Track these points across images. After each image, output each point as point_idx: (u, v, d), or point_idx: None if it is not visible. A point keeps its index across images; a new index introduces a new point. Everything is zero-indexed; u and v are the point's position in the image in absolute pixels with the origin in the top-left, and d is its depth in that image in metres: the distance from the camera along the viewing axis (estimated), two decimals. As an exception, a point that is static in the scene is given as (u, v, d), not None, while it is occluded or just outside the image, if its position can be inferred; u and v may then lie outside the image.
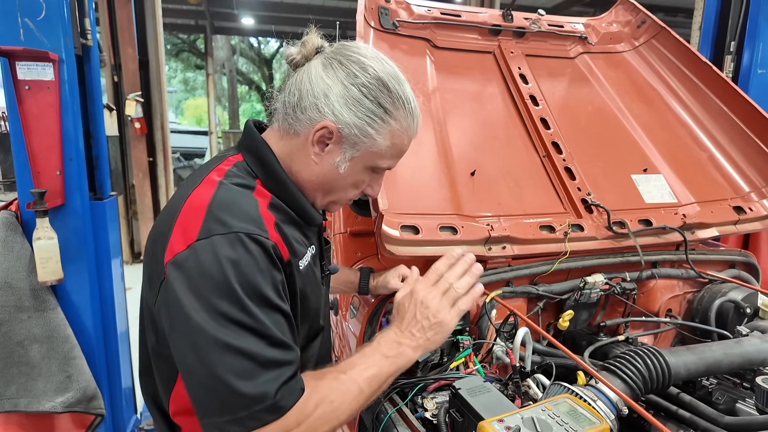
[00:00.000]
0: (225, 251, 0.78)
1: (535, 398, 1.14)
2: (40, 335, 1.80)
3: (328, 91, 0.89)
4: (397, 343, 0.94)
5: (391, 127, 0.92)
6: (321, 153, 0.92)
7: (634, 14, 2.16)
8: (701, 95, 1.97)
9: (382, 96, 0.89)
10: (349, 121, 0.89)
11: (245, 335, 0.77)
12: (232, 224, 0.80)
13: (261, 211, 0.86)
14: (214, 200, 0.83)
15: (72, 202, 1.88)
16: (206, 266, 0.77)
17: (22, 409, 1.79)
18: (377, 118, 0.89)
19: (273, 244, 0.83)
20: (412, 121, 0.94)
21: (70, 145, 1.84)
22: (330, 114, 0.89)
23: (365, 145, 0.91)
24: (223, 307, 0.76)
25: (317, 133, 0.90)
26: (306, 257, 0.96)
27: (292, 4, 11.93)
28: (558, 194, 1.66)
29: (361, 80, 0.89)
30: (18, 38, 1.72)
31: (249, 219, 0.83)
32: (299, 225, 0.97)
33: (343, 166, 0.93)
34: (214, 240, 0.78)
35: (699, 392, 1.24)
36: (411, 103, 0.93)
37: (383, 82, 0.90)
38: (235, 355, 0.76)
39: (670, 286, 1.66)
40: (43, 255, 1.77)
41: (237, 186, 0.88)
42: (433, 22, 1.89)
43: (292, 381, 0.81)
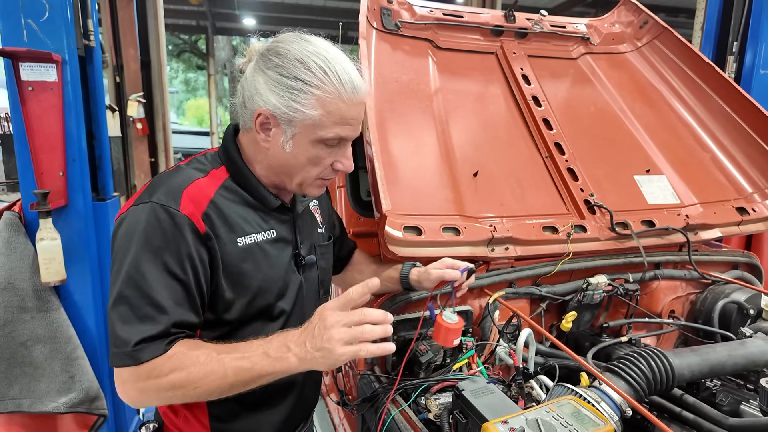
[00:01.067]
0: (141, 215, 0.93)
1: (538, 400, 1.14)
2: (43, 336, 1.81)
3: (256, 83, 0.98)
4: (286, 347, 0.90)
5: (317, 96, 0.95)
6: (268, 138, 1.01)
7: (636, 15, 2.16)
8: (704, 96, 1.97)
9: (297, 71, 0.95)
10: (276, 102, 0.96)
11: (132, 289, 0.90)
12: (153, 196, 0.94)
13: (190, 189, 0.97)
14: (157, 177, 1.01)
15: (75, 202, 1.88)
16: (127, 226, 0.94)
17: (25, 410, 1.79)
18: (297, 91, 0.95)
19: (184, 216, 0.93)
20: (341, 86, 0.96)
21: (73, 145, 1.85)
22: (261, 101, 0.97)
23: (299, 120, 0.96)
24: (125, 262, 0.91)
25: (256, 121, 0.99)
26: (252, 236, 1.03)
27: (293, 5, 11.94)
28: (561, 195, 1.66)
29: (275, 62, 0.97)
30: (21, 39, 1.72)
31: (169, 193, 0.95)
32: (255, 208, 1.06)
33: (288, 145, 0.99)
34: (137, 207, 0.94)
35: (703, 394, 1.24)
36: (335, 69, 0.96)
37: (297, 58, 0.96)
38: (121, 302, 0.90)
39: (673, 287, 1.66)
40: (46, 256, 1.77)
41: (191, 169, 1.03)
42: (435, 23, 1.89)
43: (157, 340, 0.90)
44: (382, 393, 1.21)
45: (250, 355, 0.91)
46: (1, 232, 1.77)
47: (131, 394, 0.93)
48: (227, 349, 0.92)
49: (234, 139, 1.08)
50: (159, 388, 0.90)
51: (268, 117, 0.98)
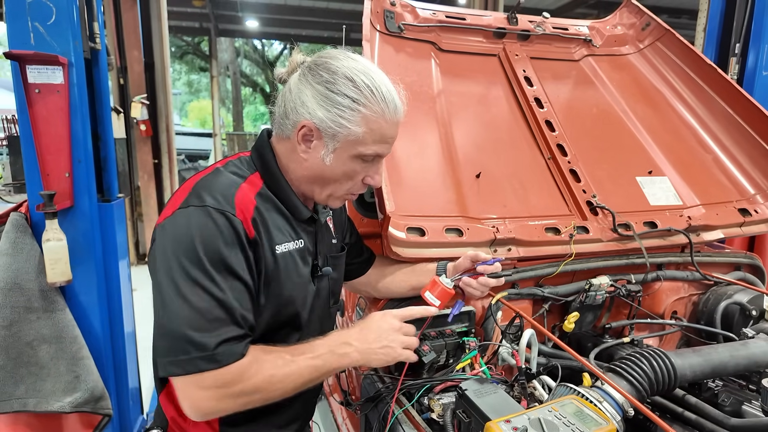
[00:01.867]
0: (195, 219, 0.92)
1: (540, 400, 1.15)
2: (49, 336, 1.82)
3: (302, 95, 1.01)
4: (347, 343, 1.03)
5: (363, 114, 0.98)
6: (308, 150, 1.03)
7: (638, 17, 2.16)
8: (706, 97, 1.97)
9: (346, 88, 0.98)
10: (322, 116, 0.99)
11: (199, 292, 0.89)
12: (206, 200, 0.94)
13: (238, 194, 0.98)
14: (201, 180, 1.00)
15: (80, 203, 1.89)
16: (179, 230, 0.92)
17: (30, 409, 1.80)
18: (345, 108, 0.98)
19: (238, 220, 0.94)
20: (385, 105, 1.00)
21: (78, 147, 1.86)
22: (306, 114, 1.00)
23: (343, 135, 0.99)
24: (186, 265, 0.89)
25: (299, 132, 1.01)
26: (286, 245, 1.05)
27: (295, 7, 11.97)
28: (563, 196, 1.67)
29: (325, 78, 0.99)
30: (28, 42, 1.73)
31: (222, 197, 0.96)
32: (287, 217, 1.07)
33: (328, 158, 1.02)
34: (189, 210, 0.94)
35: (705, 394, 1.24)
36: (380, 89, 1.00)
37: (347, 76, 0.99)
38: (187, 307, 0.88)
39: (675, 288, 1.66)
40: (52, 256, 1.78)
41: (230, 173, 1.03)
42: (438, 26, 1.90)
43: (234, 342, 0.91)
44: (385, 393, 1.22)
45: (319, 353, 0.99)
46: (8, 233, 1.79)
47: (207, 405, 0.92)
48: (292, 350, 0.99)
49: (270, 146, 1.09)
50: (243, 392, 0.92)
51: (312, 129, 1.00)
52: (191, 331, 0.88)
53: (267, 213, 1.03)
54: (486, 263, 1.20)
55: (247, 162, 1.09)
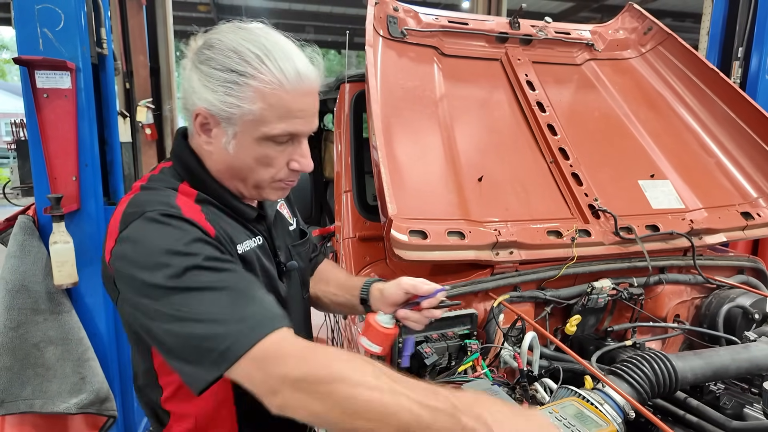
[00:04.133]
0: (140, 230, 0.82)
1: (542, 402, 1.15)
2: (55, 337, 1.84)
3: (191, 81, 0.89)
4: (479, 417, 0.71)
5: (254, 87, 0.85)
6: (210, 140, 0.91)
7: (640, 21, 2.17)
8: (708, 101, 1.98)
9: (230, 61, 0.85)
10: (211, 98, 0.86)
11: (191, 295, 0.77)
12: (145, 209, 0.84)
13: (179, 200, 0.88)
14: (132, 199, 0.89)
15: (87, 207, 1.92)
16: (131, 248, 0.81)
17: (37, 410, 1.82)
18: (231, 84, 0.85)
19: (190, 219, 0.84)
20: (282, 74, 0.85)
21: (85, 151, 1.89)
22: (197, 99, 0.88)
23: (237, 116, 0.86)
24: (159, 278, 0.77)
25: (196, 122, 0.90)
26: (247, 243, 0.95)
27: (299, 12, 12.03)
28: (565, 200, 1.67)
29: (207, 55, 0.87)
30: (37, 48, 1.76)
31: (162, 203, 0.85)
32: (235, 218, 0.96)
33: (230, 146, 0.89)
34: (131, 227, 0.83)
35: (706, 397, 1.24)
36: (273, 55, 0.85)
37: (231, 48, 0.86)
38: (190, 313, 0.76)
39: (677, 292, 1.67)
40: (59, 259, 1.80)
41: (158, 187, 0.92)
42: (440, 30, 1.91)
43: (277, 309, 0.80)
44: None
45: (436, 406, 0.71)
46: (16, 236, 1.81)
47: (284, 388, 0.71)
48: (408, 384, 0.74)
49: (188, 147, 0.96)
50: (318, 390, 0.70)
51: (207, 117, 0.88)
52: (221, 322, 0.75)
53: (215, 216, 0.91)
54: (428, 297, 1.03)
55: (170, 172, 0.96)
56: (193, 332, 0.76)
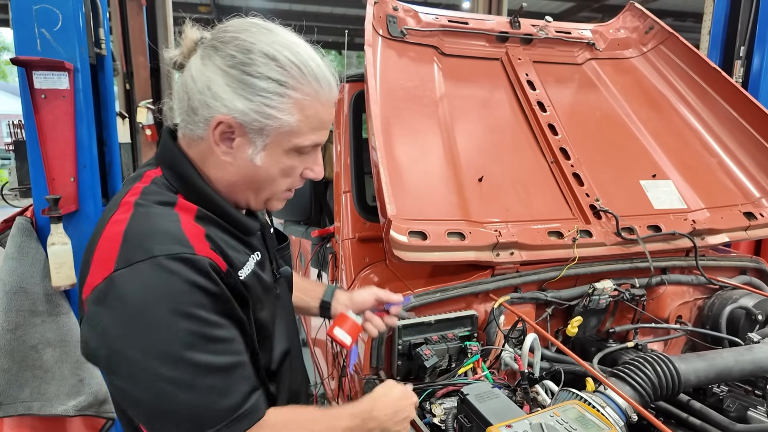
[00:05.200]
0: (149, 279, 0.72)
1: (543, 405, 1.14)
2: (53, 339, 1.83)
3: (211, 83, 0.80)
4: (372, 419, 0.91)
5: (294, 99, 0.81)
6: (230, 150, 0.83)
7: (641, 20, 2.16)
8: (710, 100, 1.96)
9: (268, 69, 0.79)
10: (243, 108, 0.79)
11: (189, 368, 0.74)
12: (153, 248, 0.74)
13: (184, 227, 0.79)
14: (130, 225, 0.77)
15: (85, 208, 1.91)
16: (132, 299, 0.72)
17: (35, 413, 1.81)
18: (272, 94, 0.79)
19: (203, 258, 0.76)
20: (318, 84, 0.83)
21: (84, 152, 1.88)
22: (222, 107, 0.79)
23: (272, 128, 0.81)
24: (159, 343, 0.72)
25: (215, 131, 0.81)
26: (248, 266, 0.88)
27: (300, 12, 12.04)
28: (566, 200, 1.66)
29: (239, 59, 0.79)
30: (35, 48, 1.75)
31: (171, 238, 0.76)
32: (233, 233, 0.89)
33: (258, 158, 0.83)
34: (135, 268, 0.73)
35: (710, 399, 1.23)
36: (310, 65, 0.82)
37: (266, 54, 0.80)
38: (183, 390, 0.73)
39: (680, 293, 1.65)
40: (57, 260, 1.79)
41: (156, 204, 0.82)
42: (440, 30, 1.90)
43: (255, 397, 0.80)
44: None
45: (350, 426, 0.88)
46: (14, 237, 1.80)
47: None
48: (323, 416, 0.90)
49: (182, 154, 0.87)
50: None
51: (233, 125, 0.80)
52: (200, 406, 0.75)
53: (216, 237, 0.84)
54: (397, 304, 1.15)
55: (164, 184, 0.86)
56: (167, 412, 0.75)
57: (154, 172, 0.88)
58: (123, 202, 0.82)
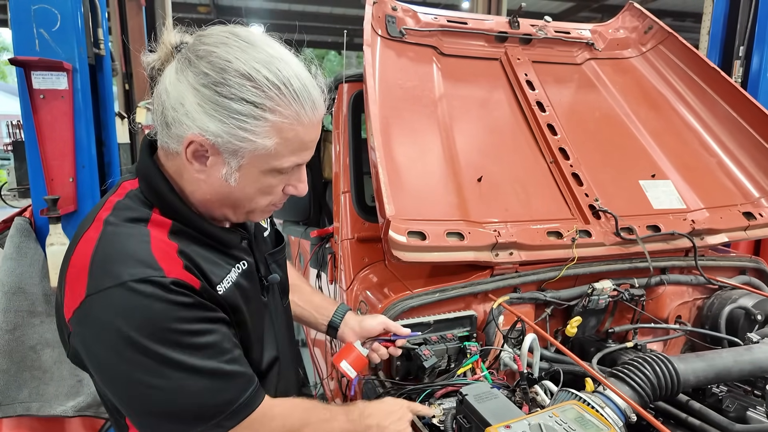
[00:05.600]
0: (122, 303, 0.72)
1: (542, 405, 1.14)
2: (52, 340, 1.83)
3: (183, 100, 0.76)
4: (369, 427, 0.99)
5: (272, 122, 0.76)
6: (204, 168, 0.80)
7: (641, 20, 2.16)
8: (709, 100, 1.96)
9: (244, 90, 0.74)
10: (215, 130, 0.75)
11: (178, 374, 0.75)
12: (121, 273, 0.73)
13: (154, 247, 0.77)
14: (98, 247, 0.76)
15: (84, 208, 1.91)
16: (110, 324, 0.72)
17: (34, 413, 1.81)
18: (246, 116, 0.74)
19: (173, 280, 0.75)
20: (300, 105, 0.77)
21: (82, 152, 1.88)
22: (192, 126, 0.76)
23: (248, 150, 0.77)
24: (143, 359, 0.73)
25: (188, 149, 0.78)
26: (228, 279, 0.86)
27: (300, 12, 12.05)
28: (565, 200, 1.66)
29: (213, 78, 0.74)
30: (33, 48, 1.75)
31: (138, 261, 0.75)
32: (212, 246, 0.87)
33: (232, 178, 0.80)
34: (106, 294, 0.73)
35: (709, 400, 1.23)
36: (291, 84, 0.76)
37: (242, 73, 0.74)
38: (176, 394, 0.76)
39: (679, 293, 1.65)
40: (55, 260, 1.79)
41: (126, 221, 0.80)
42: (439, 30, 1.90)
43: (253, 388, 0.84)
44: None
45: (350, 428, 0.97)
46: (12, 238, 1.80)
47: None
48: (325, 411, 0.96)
49: (157, 167, 0.84)
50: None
51: (204, 145, 0.77)
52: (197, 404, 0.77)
53: (192, 252, 0.81)
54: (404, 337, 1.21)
55: (138, 198, 0.83)
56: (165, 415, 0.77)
57: (131, 183, 0.86)
58: (96, 218, 0.81)
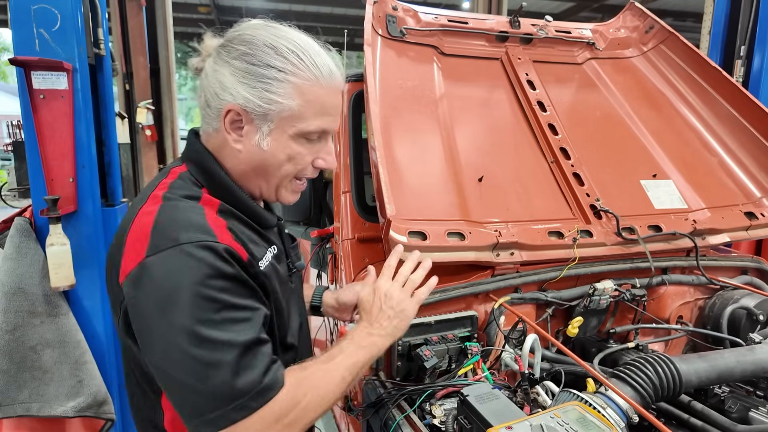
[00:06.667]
0: (175, 264, 0.78)
1: (544, 406, 1.13)
2: (52, 340, 1.82)
3: (221, 77, 0.88)
4: (368, 334, 0.99)
5: (294, 84, 0.87)
6: (240, 138, 0.90)
7: (641, 20, 2.15)
8: (711, 100, 1.96)
9: (268, 57, 0.86)
10: (247, 95, 0.86)
11: (212, 346, 0.78)
12: (179, 236, 0.80)
13: (208, 218, 0.86)
14: (159, 216, 0.84)
15: (84, 208, 1.90)
16: (161, 282, 0.78)
17: (34, 414, 1.81)
18: (271, 80, 0.86)
19: (225, 246, 0.82)
20: (318, 70, 0.88)
21: (82, 152, 1.87)
22: (229, 96, 0.87)
23: (275, 113, 0.87)
24: (181, 322, 0.77)
25: (225, 119, 0.89)
26: (266, 257, 0.94)
27: (300, 12, 12.05)
28: (566, 200, 1.66)
29: (242, 50, 0.87)
30: (33, 48, 1.75)
31: (196, 228, 0.82)
32: (253, 227, 0.96)
33: (265, 143, 0.89)
34: (163, 255, 0.79)
35: (711, 400, 1.22)
36: (308, 52, 0.88)
37: (266, 44, 0.87)
38: (208, 367, 0.77)
39: (680, 293, 1.65)
40: (55, 261, 1.79)
41: (182, 198, 0.89)
42: (440, 30, 1.90)
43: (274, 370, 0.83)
44: (387, 398, 1.21)
45: (349, 353, 0.94)
46: (12, 238, 1.80)
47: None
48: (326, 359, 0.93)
49: (205, 150, 0.94)
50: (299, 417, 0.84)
51: (240, 113, 0.88)
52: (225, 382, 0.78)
53: (237, 229, 0.90)
54: None
55: (189, 179, 0.93)
56: (203, 388, 0.78)
57: (180, 168, 0.95)
58: (152, 195, 0.89)
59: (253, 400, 0.79)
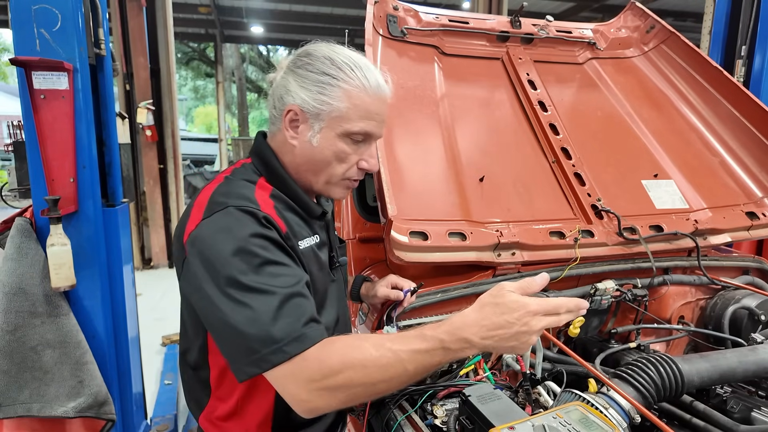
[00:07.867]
0: (220, 222, 0.93)
1: (545, 406, 1.13)
2: (53, 340, 1.82)
3: (286, 83, 1.05)
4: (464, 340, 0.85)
5: (343, 89, 1.01)
6: (296, 135, 1.05)
7: (642, 19, 2.15)
8: (712, 100, 1.96)
9: (324, 66, 1.02)
10: (304, 96, 1.02)
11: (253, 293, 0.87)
12: (227, 202, 0.96)
13: (257, 194, 1.01)
14: (218, 188, 1.02)
15: (85, 208, 1.90)
16: (208, 238, 0.92)
17: (34, 414, 1.80)
18: (325, 84, 1.01)
19: (264, 214, 0.95)
20: (366, 80, 1.02)
21: (83, 152, 1.87)
22: (290, 98, 1.03)
23: (326, 113, 1.02)
24: (225, 272, 0.88)
25: (286, 118, 1.05)
26: (307, 240, 1.07)
27: (300, 13, 12.04)
28: (568, 200, 1.66)
29: (305, 61, 1.04)
30: (34, 48, 1.75)
31: (243, 197, 0.98)
32: (300, 215, 1.08)
33: (315, 139, 1.03)
34: (214, 216, 0.94)
35: (713, 400, 1.22)
36: (359, 65, 1.03)
37: (325, 56, 1.03)
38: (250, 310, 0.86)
39: (682, 293, 1.65)
40: (56, 261, 1.79)
41: (241, 179, 1.05)
42: (441, 29, 1.90)
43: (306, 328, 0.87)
44: (388, 399, 1.21)
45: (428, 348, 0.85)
46: (13, 238, 1.79)
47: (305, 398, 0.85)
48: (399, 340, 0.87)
49: (268, 146, 1.11)
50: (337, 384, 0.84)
51: (297, 113, 1.03)
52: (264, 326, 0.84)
53: (285, 212, 1.04)
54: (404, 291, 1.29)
55: (251, 168, 1.10)
56: (245, 331, 0.86)
57: (246, 160, 1.13)
58: (218, 177, 1.08)
59: (288, 345, 0.85)
